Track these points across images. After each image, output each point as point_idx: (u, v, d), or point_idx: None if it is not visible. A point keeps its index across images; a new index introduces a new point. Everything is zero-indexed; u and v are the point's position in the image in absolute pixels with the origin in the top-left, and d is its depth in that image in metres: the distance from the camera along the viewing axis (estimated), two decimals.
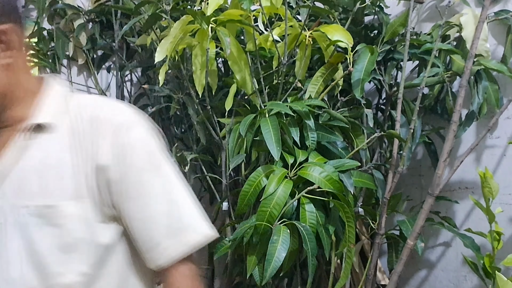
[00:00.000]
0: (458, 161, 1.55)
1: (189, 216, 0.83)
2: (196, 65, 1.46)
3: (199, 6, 1.53)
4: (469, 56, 1.52)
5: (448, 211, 1.80)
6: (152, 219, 0.80)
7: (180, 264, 0.81)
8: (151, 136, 0.84)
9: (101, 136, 0.79)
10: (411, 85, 1.61)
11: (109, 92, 2.10)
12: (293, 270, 1.54)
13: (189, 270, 0.82)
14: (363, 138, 1.56)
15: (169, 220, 0.81)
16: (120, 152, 0.79)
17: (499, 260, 1.46)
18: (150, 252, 0.81)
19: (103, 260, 0.80)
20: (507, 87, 1.64)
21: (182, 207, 0.83)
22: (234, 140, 1.49)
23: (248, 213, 1.53)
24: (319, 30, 1.49)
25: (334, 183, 1.33)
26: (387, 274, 1.76)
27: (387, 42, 1.68)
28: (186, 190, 0.84)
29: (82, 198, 0.78)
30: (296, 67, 1.55)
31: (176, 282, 0.81)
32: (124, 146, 0.79)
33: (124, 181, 0.79)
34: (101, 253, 0.80)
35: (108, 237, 0.80)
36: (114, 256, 0.81)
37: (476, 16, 1.59)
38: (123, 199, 0.79)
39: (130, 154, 0.79)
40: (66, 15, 1.99)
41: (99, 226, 0.79)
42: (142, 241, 0.80)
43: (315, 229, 1.34)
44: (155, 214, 0.80)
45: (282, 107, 1.40)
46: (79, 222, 0.77)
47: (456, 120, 1.52)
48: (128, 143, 0.80)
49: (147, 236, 0.80)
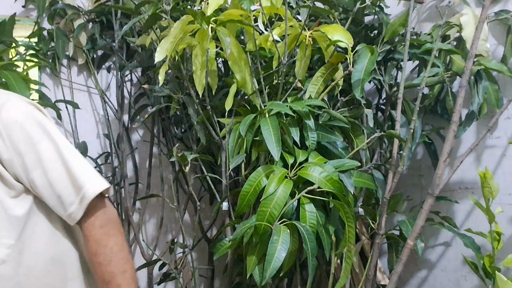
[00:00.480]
0: (458, 161, 1.55)
1: (81, 174, 0.92)
2: (196, 65, 1.46)
3: (199, 6, 1.53)
4: (469, 56, 1.52)
5: (448, 211, 1.80)
6: (53, 184, 0.89)
7: (88, 216, 0.92)
8: (24, 108, 0.91)
9: None
10: (411, 85, 1.61)
11: (109, 92, 2.10)
12: (293, 270, 1.54)
13: (99, 219, 0.92)
14: (363, 138, 1.56)
15: (67, 181, 0.90)
16: (4, 131, 0.87)
17: (499, 260, 1.46)
18: (62, 212, 0.91)
19: (24, 229, 0.88)
20: (507, 87, 1.64)
21: (74, 167, 0.91)
22: (234, 140, 1.49)
23: (248, 213, 1.53)
24: (319, 30, 1.49)
25: (334, 183, 1.33)
26: (387, 274, 1.76)
27: (387, 42, 1.68)
28: (72, 149, 0.94)
29: None
30: (296, 67, 1.55)
31: (88, 235, 0.92)
32: (5, 125, 0.87)
33: (17, 157, 0.87)
34: (21, 224, 0.88)
35: (23, 209, 0.89)
36: (34, 223, 0.90)
37: (476, 16, 1.59)
38: (24, 172, 0.88)
39: (14, 131, 0.87)
40: (66, 15, 1.99)
41: (11, 201, 0.88)
42: (52, 205, 0.91)
43: (315, 229, 1.34)
44: (54, 178, 0.89)
45: (282, 107, 1.40)
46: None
47: (456, 120, 1.52)
48: (7, 122, 0.87)
49: (54, 200, 0.90)
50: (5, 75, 1.59)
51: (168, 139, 2.06)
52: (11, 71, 1.63)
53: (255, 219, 1.35)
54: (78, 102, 2.02)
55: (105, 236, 0.93)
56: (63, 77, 2.06)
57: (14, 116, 0.90)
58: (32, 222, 0.91)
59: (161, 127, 2.05)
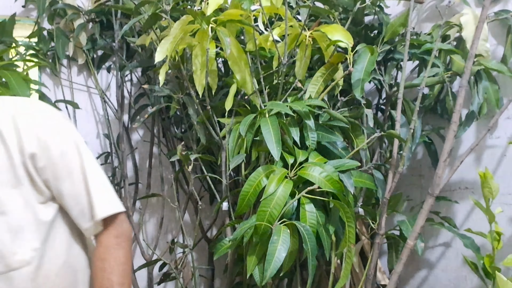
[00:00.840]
0: (458, 161, 1.55)
1: (97, 194, 0.97)
2: (196, 65, 1.46)
3: (199, 6, 1.53)
4: (469, 56, 1.52)
5: (448, 211, 1.80)
6: (77, 197, 0.95)
7: (106, 226, 0.97)
8: (63, 124, 0.98)
9: (23, 130, 0.90)
10: (411, 85, 1.61)
11: (109, 92, 2.10)
12: (293, 270, 1.54)
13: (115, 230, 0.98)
14: (363, 138, 1.56)
15: (86, 198, 0.95)
16: (43, 142, 0.91)
17: (499, 260, 1.46)
18: (82, 224, 0.97)
19: (49, 234, 0.93)
20: (507, 87, 1.64)
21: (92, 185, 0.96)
22: (234, 140, 1.49)
23: (248, 213, 1.53)
24: (319, 30, 1.49)
25: (334, 183, 1.33)
26: (387, 274, 1.76)
27: (387, 42, 1.68)
28: (96, 166, 0.99)
29: (22, 185, 0.90)
30: (296, 67, 1.55)
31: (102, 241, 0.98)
32: (45, 136, 0.92)
33: (51, 166, 0.92)
34: (47, 229, 0.93)
35: (50, 215, 0.94)
36: (56, 229, 0.95)
37: (476, 16, 1.59)
38: (54, 181, 0.92)
39: (50, 142, 0.92)
40: (66, 15, 1.99)
41: (40, 207, 0.92)
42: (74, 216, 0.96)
43: (315, 229, 1.34)
44: (78, 192, 0.95)
45: (282, 107, 1.40)
46: (23, 206, 0.90)
47: (456, 120, 1.52)
48: (48, 133, 0.92)
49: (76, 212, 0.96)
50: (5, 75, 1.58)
51: (168, 139, 2.06)
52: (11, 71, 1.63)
53: (255, 219, 1.35)
54: (78, 102, 2.02)
55: (116, 246, 0.98)
56: (63, 77, 2.06)
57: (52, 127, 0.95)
58: (55, 228, 0.95)
59: (161, 127, 2.05)
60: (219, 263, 1.94)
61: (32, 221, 0.91)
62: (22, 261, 0.90)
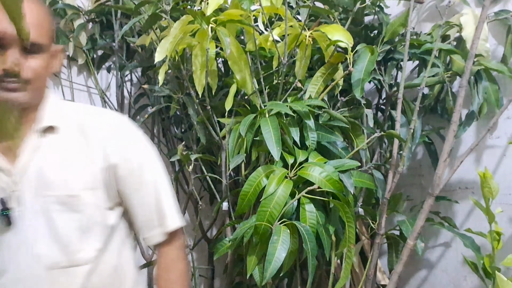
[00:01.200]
0: (458, 161, 1.55)
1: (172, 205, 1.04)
2: (196, 65, 1.46)
3: (199, 6, 1.53)
4: (469, 56, 1.52)
5: (448, 211, 1.80)
6: (146, 207, 1.01)
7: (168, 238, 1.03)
8: (142, 136, 1.05)
9: (110, 139, 0.98)
10: (411, 85, 1.61)
11: (109, 92, 2.10)
12: (293, 270, 1.54)
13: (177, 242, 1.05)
14: (363, 138, 1.56)
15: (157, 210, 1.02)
16: (125, 153, 0.99)
17: (499, 260, 1.46)
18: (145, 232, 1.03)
19: (110, 237, 0.99)
20: (507, 87, 1.64)
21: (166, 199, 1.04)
22: (234, 140, 1.49)
23: (248, 213, 1.53)
24: (319, 30, 1.49)
25: (334, 183, 1.33)
26: (387, 274, 1.76)
27: (387, 42, 1.68)
28: (166, 178, 1.05)
29: (97, 189, 0.96)
30: (296, 67, 1.55)
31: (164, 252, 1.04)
32: (127, 148, 1.00)
33: (129, 176, 0.99)
34: (109, 232, 0.99)
35: (114, 219, 1.00)
36: (116, 233, 1.01)
37: (476, 16, 1.59)
38: (127, 190, 0.99)
39: (131, 154, 1.00)
40: (66, 15, 1.99)
41: (108, 211, 0.99)
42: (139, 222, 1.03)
43: (315, 229, 1.34)
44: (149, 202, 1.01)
45: (282, 107, 1.40)
46: (95, 208, 0.96)
47: (456, 120, 1.52)
48: (130, 145, 1.01)
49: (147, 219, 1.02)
50: None
51: (168, 139, 2.06)
52: None
53: (255, 219, 1.35)
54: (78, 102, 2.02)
55: (179, 258, 1.05)
56: (63, 77, 2.06)
57: (135, 140, 1.03)
58: (115, 233, 1.01)
59: (161, 127, 2.05)
60: (219, 263, 1.94)
61: (99, 223, 0.97)
62: (85, 259, 0.95)
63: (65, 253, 0.94)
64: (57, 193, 0.93)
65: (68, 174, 0.94)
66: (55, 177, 0.93)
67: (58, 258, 0.93)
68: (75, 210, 0.94)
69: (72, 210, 0.93)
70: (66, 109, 1.00)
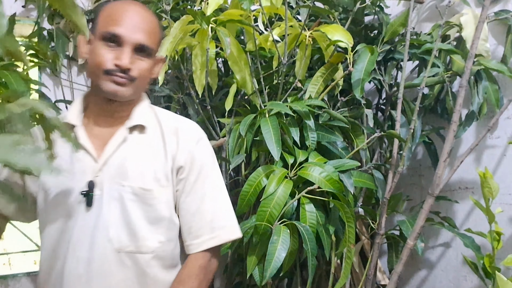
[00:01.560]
0: (458, 161, 1.55)
1: (225, 216, 1.08)
2: (196, 65, 1.46)
3: (199, 6, 1.53)
4: (469, 56, 1.52)
5: (448, 211, 1.80)
6: (197, 214, 1.05)
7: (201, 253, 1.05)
8: (210, 148, 1.11)
9: (181, 143, 1.05)
10: (411, 85, 1.61)
11: None
12: (293, 270, 1.54)
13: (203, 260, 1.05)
14: (363, 138, 1.56)
15: (211, 217, 1.05)
16: (191, 158, 1.05)
17: (499, 260, 1.46)
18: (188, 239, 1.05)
19: (171, 234, 1.04)
20: (507, 87, 1.64)
21: (221, 208, 1.08)
22: (234, 140, 1.49)
23: (248, 213, 1.53)
24: (319, 30, 1.49)
25: (334, 183, 1.33)
26: (387, 274, 1.76)
27: (387, 42, 1.68)
28: (226, 193, 1.11)
29: (168, 187, 1.03)
30: (296, 67, 1.55)
31: (188, 263, 1.05)
32: (194, 153, 1.05)
33: (187, 180, 1.04)
34: (172, 229, 1.04)
35: (178, 218, 1.06)
36: (176, 232, 1.06)
37: (476, 16, 1.59)
38: (182, 193, 1.05)
39: (196, 160, 1.05)
40: None
41: (174, 209, 1.05)
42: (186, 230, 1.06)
43: (315, 229, 1.34)
44: (201, 210, 1.05)
45: (282, 107, 1.40)
46: (164, 204, 1.02)
47: (456, 120, 1.52)
48: (197, 152, 1.06)
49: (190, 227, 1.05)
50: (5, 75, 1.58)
51: None
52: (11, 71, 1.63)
53: (255, 219, 1.35)
54: None
55: (197, 277, 1.05)
56: (63, 77, 2.06)
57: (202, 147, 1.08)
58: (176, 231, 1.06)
59: None
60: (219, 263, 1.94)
61: (167, 219, 1.03)
62: (149, 248, 1.01)
63: (133, 239, 1.00)
64: (133, 184, 1.00)
65: (145, 169, 1.01)
66: (133, 169, 1.01)
67: (126, 242, 0.99)
68: (146, 203, 1.00)
69: (143, 202, 1.00)
70: (154, 112, 1.09)
